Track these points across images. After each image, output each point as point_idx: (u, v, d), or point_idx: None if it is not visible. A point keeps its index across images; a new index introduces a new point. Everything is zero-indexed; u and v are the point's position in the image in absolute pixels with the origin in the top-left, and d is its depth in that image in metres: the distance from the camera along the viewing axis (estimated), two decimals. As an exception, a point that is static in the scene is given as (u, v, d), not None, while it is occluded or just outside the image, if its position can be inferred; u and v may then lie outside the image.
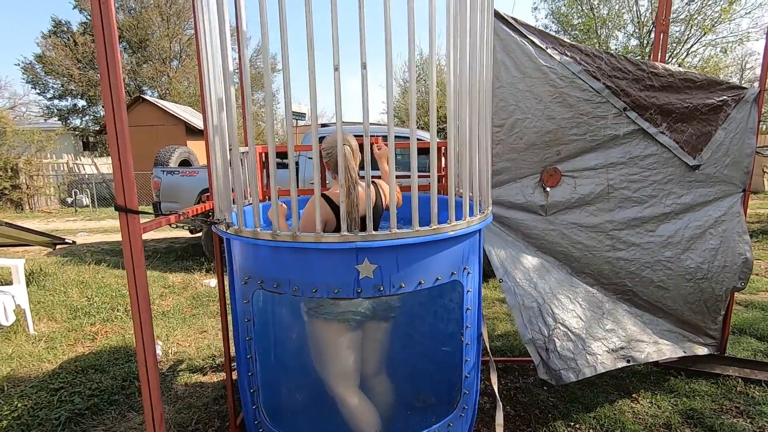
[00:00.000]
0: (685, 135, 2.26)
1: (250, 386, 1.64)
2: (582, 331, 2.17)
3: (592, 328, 2.20)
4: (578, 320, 2.20)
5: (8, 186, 12.15)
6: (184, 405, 2.48)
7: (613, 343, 2.21)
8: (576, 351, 2.13)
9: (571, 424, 2.23)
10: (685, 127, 2.27)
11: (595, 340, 2.19)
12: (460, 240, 1.52)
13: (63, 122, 21.59)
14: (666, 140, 2.27)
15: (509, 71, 2.25)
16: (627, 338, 2.26)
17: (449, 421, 1.67)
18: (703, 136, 2.29)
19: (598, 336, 2.20)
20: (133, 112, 14.28)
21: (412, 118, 1.34)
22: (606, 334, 2.21)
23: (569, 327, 2.14)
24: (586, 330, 2.18)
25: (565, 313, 2.18)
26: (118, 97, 1.21)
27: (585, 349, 2.14)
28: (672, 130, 2.26)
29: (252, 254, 1.49)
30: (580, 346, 2.14)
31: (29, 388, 2.64)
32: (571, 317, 2.19)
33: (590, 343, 2.16)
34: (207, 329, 3.59)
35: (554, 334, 2.14)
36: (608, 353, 2.18)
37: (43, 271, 5.19)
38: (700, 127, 2.28)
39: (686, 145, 2.28)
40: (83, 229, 9.25)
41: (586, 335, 2.17)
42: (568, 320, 2.16)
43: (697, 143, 2.29)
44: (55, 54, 20.23)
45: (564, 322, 2.15)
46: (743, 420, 2.23)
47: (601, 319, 2.25)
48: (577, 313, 2.21)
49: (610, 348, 2.19)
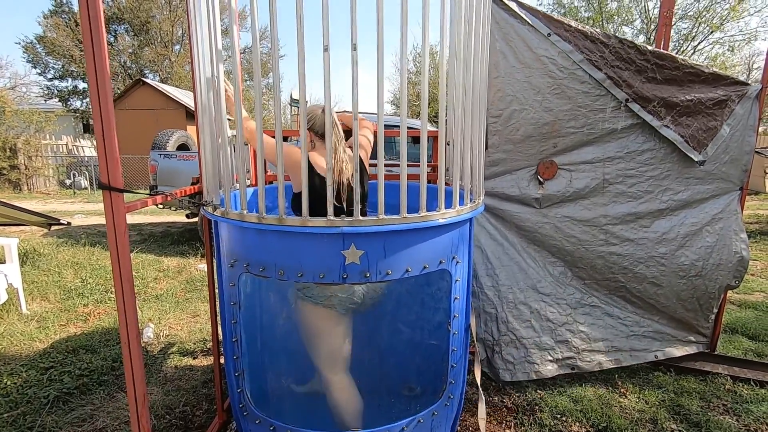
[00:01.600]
0: (690, 129, 2.22)
1: (235, 370, 1.63)
2: (529, 341, 2.39)
3: (542, 338, 2.40)
4: (530, 330, 2.39)
5: (6, 166, 12.12)
6: (173, 387, 2.49)
7: (560, 354, 2.42)
8: (518, 357, 2.39)
9: (557, 416, 2.24)
10: (690, 122, 2.22)
11: (540, 350, 2.40)
12: (449, 228, 1.50)
13: (63, 103, 21.45)
14: (671, 134, 2.20)
15: (508, 60, 2.22)
16: (578, 349, 2.43)
17: (434, 410, 1.66)
18: (709, 131, 2.25)
19: (545, 346, 2.40)
20: (133, 96, 14.19)
21: (403, 103, 1.32)
22: (555, 345, 2.41)
23: (518, 336, 2.37)
24: (534, 341, 2.39)
25: (520, 323, 2.38)
26: (102, 73, 1.18)
27: (526, 358, 2.39)
28: (677, 123, 2.21)
29: (238, 237, 1.47)
30: (523, 354, 2.39)
31: (19, 367, 2.65)
32: (524, 327, 2.38)
33: (533, 353, 2.39)
34: (199, 313, 3.59)
35: (502, 339, 2.38)
36: (551, 362, 2.41)
37: (37, 252, 5.19)
38: (705, 121, 2.24)
39: (692, 139, 2.23)
40: (81, 211, 9.24)
41: (532, 345, 2.39)
42: (519, 330, 2.38)
43: (703, 138, 2.24)
44: (56, 34, 20.04)
45: (514, 332, 2.37)
46: (730, 417, 2.23)
47: (555, 329, 2.41)
48: (532, 324, 2.39)
49: (554, 358, 2.42)
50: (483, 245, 2.37)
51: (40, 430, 2.10)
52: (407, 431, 1.60)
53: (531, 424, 2.19)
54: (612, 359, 2.47)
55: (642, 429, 2.14)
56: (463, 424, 2.18)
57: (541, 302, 2.40)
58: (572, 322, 2.42)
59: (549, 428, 2.15)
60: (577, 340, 2.42)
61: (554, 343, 2.41)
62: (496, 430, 2.15)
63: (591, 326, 2.44)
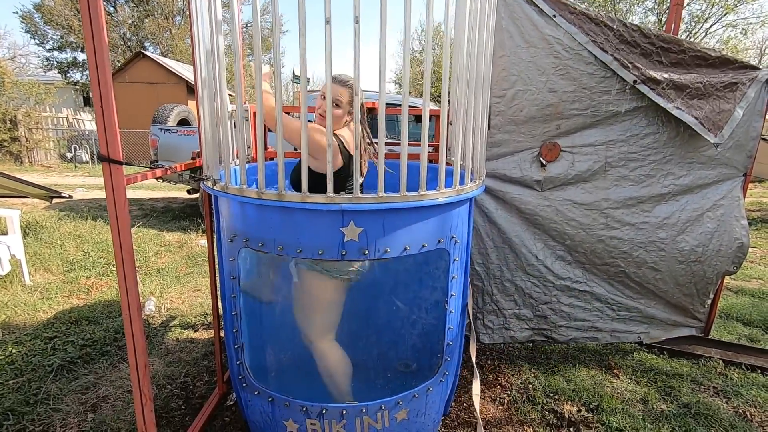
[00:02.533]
0: (704, 111, 2.16)
1: (235, 342, 1.66)
2: (509, 312, 2.53)
3: (522, 311, 2.54)
4: (511, 303, 2.53)
5: (7, 138, 12.06)
6: (174, 359, 2.54)
7: (536, 324, 2.57)
8: (497, 324, 2.56)
9: (550, 395, 2.28)
10: (702, 104, 2.17)
11: (519, 320, 2.55)
12: (448, 207, 1.50)
13: (63, 75, 21.18)
14: (684, 116, 2.13)
15: (513, 39, 2.17)
16: (555, 325, 2.55)
17: (429, 386, 1.70)
18: (724, 113, 2.19)
19: (523, 317, 2.55)
20: (133, 69, 13.98)
21: (405, 80, 1.30)
22: (533, 317, 2.55)
23: (500, 307, 2.53)
24: (514, 312, 2.54)
25: (503, 296, 2.52)
26: (100, 43, 1.16)
27: (504, 325, 2.56)
28: (688, 106, 2.15)
29: (237, 212, 1.48)
30: (502, 321, 2.55)
31: (24, 336, 2.70)
32: (507, 300, 2.52)
33: (511, 322, 2.55)
34: (200, 288, 3.63)
35: (485, 308, 2.54)
36: (526, 329, 2.57)
37: (39, 224, 5.22)
38: (718, 103, 2.18)
39: (707, 121, 2.18)
40: (82, 185, 9.25)
41: (511, 315, 2.54)
42: (502, 302, 2.52)
43: (718, 120, 2.19)
44: (53, 3, 19.63)
45: (497, 303, 2.52)
46: (719, 399, 2.28)
47: (537, 306, 2.52)
48: (515, 299, 2.52)
49: (530, 327, 2.57)
50: (479, 225, 2.38)
51: (44, 397, 2.16)
52: (403, 405, 1.64)
53: (524, 401, 2.24)
54: (588, 336, 2.57)
55: (632, 408, 2.19)
56: (458, 400, 2.23)
57: (528, 282, 2.47)
58: (555, 302, 2.50)
59: (542, 406, 2.20)
60: (556, 317, 2.53)
61: (533, 315, 2.54)
62: (489, 407, 2.20)
63: (575, 308, 2.52)
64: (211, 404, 2.06)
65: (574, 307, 2.51)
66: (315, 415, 1.56)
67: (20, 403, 2.10)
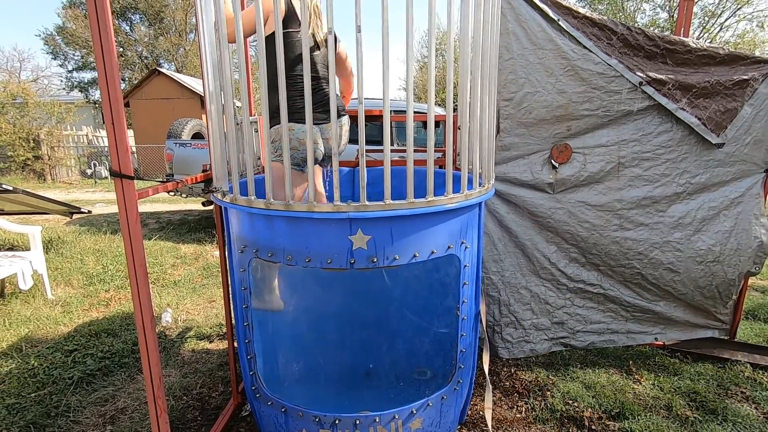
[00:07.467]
0: (708, 111, 2.14)
1: (247, 353, 1.67)
2: (527, 323, 2.44)
3: (540, 320, 2.45)
4: (529, 312, 2.44)
5: (31, 157, 12.46)
6: (190, 370, 2.56)
7: (554, 333, 2.48)
8: (516, 337, 2.45)
9: (569, 402, 2.23)
10: (708, 103, 2.15)
11: (537, 330, 2.46)
12: (457, 213, 1.49)
13: (83, 93, 21.87)
14: (687, 117, 2.14)
15: (520, 42, 2.16)
16: (573, 330, 2.48)
17: (443, 394, 1.68)
18: (729, 113, 2.17)
19: (542, 327, 2.46)
20: (149, 86, 14.31)
21: (409, 86, 1.30)
22: (551, 326, 2.47)
23: (518, 318, 2.43)
24: (533, 322, 2.45)
25: (520, 306, 2.42)
26: (111, 61, 1.19)
27: (524, 337, 2.46)
28: (693, 106, 2.14)
29: (247, 223, 1.49)
30: (521, 333, 2.45)
31: (45, 349, 2.76)
32: (524, 310, 2.43)
33: (531, 333, 2.45)
34: (216, 299, 3.67)
35: (503, 321, 2.44)
36: (546, 341, 2.48)
37: (60, 239, 5.35)
38: (724, 102, 2.16)
39: (709, 122, 2.16)
40: (102, 200, 9.47)
41: (530, 326, 2.45)
42: (519, 312, 2.43)
43: (722, 120, 2.17)
44: (74, 26, 20.34)
45: (515, 314, 2.43)
46: (748, 405, 2.20)
47: (553, 312, 2.45)
48: (531, 307, 2.43)
49: (549, 337, 2.48)
50: (490, 231, 2.35)
51: (65, 410, 2.19)
52: (417, 414, 1.62)
53: (542, 409, 2.19)
54: (606, 339, 2.51)
55: (656, 415, 2.12)
56: (474, 408, 2.19)
57: (542, 287, 2.42)
58: (570, 305, 2.45)
59: (560, 413, 2.15)
60: (573, 322, 2.47)
61: (550, 324, 2.47)
62: (506, 415, 2.16)
63: (589, 310, 2.47)
64: (226, 415, 2.07)
65: (588, 309, 2.46)
66: (328, 426, 1.55)
67: (42, 416, 2.14)
